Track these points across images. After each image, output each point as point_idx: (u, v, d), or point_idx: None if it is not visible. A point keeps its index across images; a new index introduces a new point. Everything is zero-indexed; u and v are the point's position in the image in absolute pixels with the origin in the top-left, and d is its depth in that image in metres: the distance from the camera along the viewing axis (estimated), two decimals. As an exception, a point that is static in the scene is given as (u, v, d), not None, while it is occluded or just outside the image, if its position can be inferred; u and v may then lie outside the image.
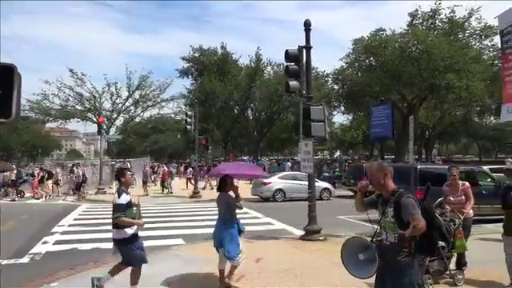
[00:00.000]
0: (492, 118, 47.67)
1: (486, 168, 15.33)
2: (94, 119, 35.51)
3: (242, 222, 6.08)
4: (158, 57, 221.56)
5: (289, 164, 34.08)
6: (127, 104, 38.06)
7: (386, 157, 35.44)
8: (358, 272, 3.36)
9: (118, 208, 5.04)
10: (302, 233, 9.51)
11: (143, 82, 37.33)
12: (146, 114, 46.53)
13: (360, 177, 20.30)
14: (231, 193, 5.88)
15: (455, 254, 5.92)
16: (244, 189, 24.37)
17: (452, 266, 5.88)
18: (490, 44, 32.48)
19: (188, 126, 21.02)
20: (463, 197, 6.22)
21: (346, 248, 3.42)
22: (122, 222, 5.01)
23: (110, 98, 36.88)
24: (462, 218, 5.92)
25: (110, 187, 23.46)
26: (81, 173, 22.09)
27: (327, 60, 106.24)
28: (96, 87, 36.12)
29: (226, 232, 5.66)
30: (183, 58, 43.63)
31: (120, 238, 5.10)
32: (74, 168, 23.56)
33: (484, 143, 61.66)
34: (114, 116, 37.88)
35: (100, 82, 78.78)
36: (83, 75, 35.17)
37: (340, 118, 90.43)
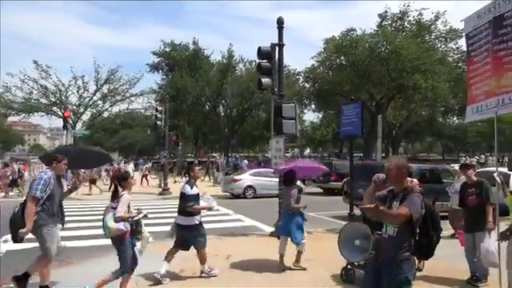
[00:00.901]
0: (455, 118, 49.57)
1: (448, 166, 15.93)
2: (60, 113, 34.36)
3: (213, 218, 6.25)
4: (131, 52, 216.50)
5: (245, 162, 34.43)
6: (95, 98, 36.95)
7: (354, 154, 36.14)
8: (350, 255, 3.45)
9: (190, 198, 5.76)
10: (272, 229, 9.53)
11: (112, 75, 36.35)
12: (115, 109, 45.41)
13: (329, 174, 20.69)
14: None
15: None
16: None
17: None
18: (454, 47, 33.83)
19: (158, 122, 20.66)
20: None
21: (345, 231, 3.48)
22: (195, 209, 5.77)
23: (77, 91, 35.74)
24: None
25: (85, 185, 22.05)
26: (16, 168, 21.35)
27: (299, 58, 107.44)
28: (62, 80, 34.99)
29: (294, 221, 6.34)
30: (154, 53, 42.84)
31: (188, 225, 5.79)
32: (11, 163, 22.85)
33: (447, 142, 64.16)
34: (81, 110, 36.75)
35: (67, 76, 76.21)
36: (48, 67, 33.96)
37: (310, 116, 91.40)
